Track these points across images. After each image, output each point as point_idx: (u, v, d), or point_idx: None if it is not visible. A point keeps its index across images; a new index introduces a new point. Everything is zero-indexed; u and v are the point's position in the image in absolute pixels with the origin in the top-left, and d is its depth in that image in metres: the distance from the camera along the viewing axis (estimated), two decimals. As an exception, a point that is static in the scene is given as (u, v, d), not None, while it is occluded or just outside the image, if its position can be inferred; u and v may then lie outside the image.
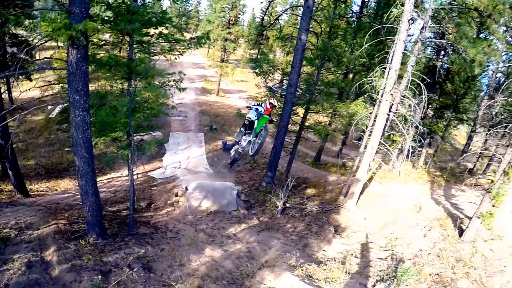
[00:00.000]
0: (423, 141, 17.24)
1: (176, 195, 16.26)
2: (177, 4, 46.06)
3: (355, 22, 20.93)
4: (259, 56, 20.37)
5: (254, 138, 11.13)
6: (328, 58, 16.80)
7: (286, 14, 27.27)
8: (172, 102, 14.56)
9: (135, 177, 15.94)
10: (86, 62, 8.44)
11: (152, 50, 13.36)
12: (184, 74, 12.75)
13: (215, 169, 21.06)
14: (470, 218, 12.20)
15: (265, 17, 23.85)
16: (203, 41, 12.81)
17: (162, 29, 12.89)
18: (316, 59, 17.19)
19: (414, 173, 17.75)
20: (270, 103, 11.40)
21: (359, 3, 21.42)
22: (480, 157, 19.82)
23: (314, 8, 17.60)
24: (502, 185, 11.12)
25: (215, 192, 15.67)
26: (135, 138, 11.34)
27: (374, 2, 21.39)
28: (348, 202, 15.02)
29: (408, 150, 14.17)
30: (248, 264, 10.57)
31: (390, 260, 11.16)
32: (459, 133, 25.72)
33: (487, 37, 16.71)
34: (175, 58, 14.20)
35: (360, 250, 12.12)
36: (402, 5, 13.17)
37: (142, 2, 12.83)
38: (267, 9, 22.89)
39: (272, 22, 22.19)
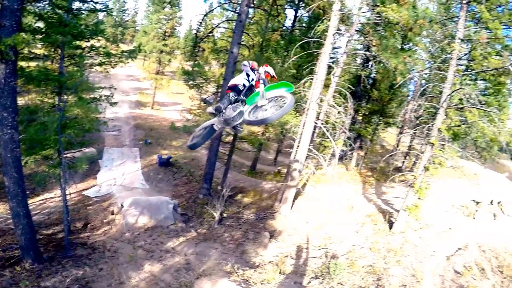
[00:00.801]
0: (353, 145, 18.22)
1: (112, 213, 15.66)
2: (112, 16, 44.79)
3: (287, 36, 21.69)
4: (194, 68, 20.33)
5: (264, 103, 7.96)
6: (260, 70, 17.19)
7: (220, 27, 27.80)
8: (104, 117, 14.13)
9: (68, 197, 15.15)
10: (15, 78, 8.10)
11: (84, 63, 12.92)
12: (115, 89, 12.51)
13: (151, 184, 20.54)
14: (399, 212, 13.20)
15: (201, 29, 23.98)
16: (135, 54, 12.65)
17: (95, 42, 12.61)
18: None
19: (347, 175, 18.68)
20: (267, 72, 7.70)
21: (292, 18, 22.19)
22: (407, 155, 21.26)
23: (247, 22, 18.05)
24: (424, 180, 12.16)
25: (151, 207, 15.32)
26: (66, 155, 10.89)
27: (306, 16, 22.32)
28: (282, 208, 15.44)
29: (340, 154, 14.92)
30: (186, 275, 10.60)
31: (325, 257, 11.66)
32: (389, 135, 27.47)
33: (411, 48, 18.09)
34: (107, 72, 13.85)
35: (295, 251, 12.49)
36: (329, 20, 14.00)
37: (76, 12, 12.40)
38: (202, 21, 23.04)
39: (206, 34, 22.35)
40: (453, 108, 12.22)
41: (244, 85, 5.33)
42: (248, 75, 5.32)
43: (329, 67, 14.41)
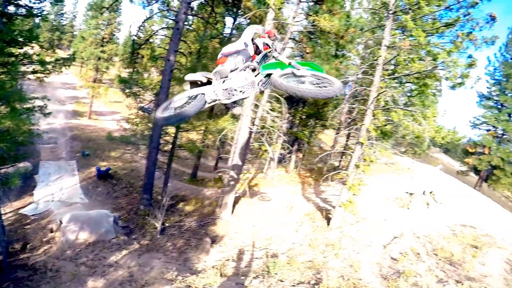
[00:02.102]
0: (291, 148, 18.73)
1: (51, 231, 14.91)
2: (48, 20, 42.41)
3: (226, 43, 21.83)
4: (133, 76, 19.89)
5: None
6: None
7: (160, 34, 27.30)
8: (38, 128, 13.47)
9: (4, 216, 14.31)
10: None
11: (17, 71, 12.24)
12: (49, 99, 11.93)
13: (91, 198, 19.77)
14: (335, 208, 13.89)
15: (141, 35, 23.48)
16: (69, 63, 12.21)
17: (29, 48, 12.00)
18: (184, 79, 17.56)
19: (286, 177, 19.20)
20: (266, 45, 5.35)
21: (231, 25, 22.40)
22: (343, 155, 22.12)
23: (186, 29, 18.02)
24: (356, 177, 12.85)
25: (91, 222, 14.81)
26: (-2, 171, 10.23)
27: (244, 24, 22.63)
28: (223, 213, 15.68)
29: (279, 157, 15.28)
30: (129, 288, 10.23)
31: (266, 257, 11.91)
32: (327, 137, 28.56)
33: (345, 54, 18.93)
34: (42, 80, 13.19)
35: (237, 254, 12.68)
36: None
37: (10, 17, 11.70)
38: (140, 27, 22.55)
39: (144, 41, 21.94)
40: (380, 109, 13.04)
41: (258, 51, 4.31)
42: (251, 44, 4.30)
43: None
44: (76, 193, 20.04)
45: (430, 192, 16.36)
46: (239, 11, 20.33)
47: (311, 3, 17.54)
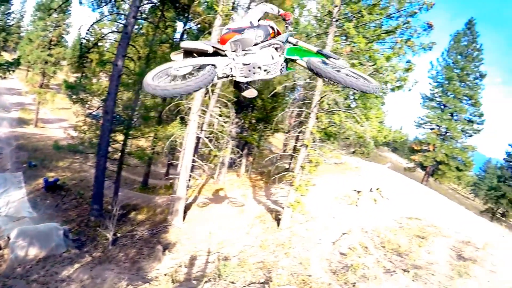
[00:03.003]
0: (241, 152, 18.91)
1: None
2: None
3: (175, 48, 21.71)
4: (81, 81, 19.31)
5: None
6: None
7: (110, 37, 26.60)
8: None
9: None
10: None
11: None
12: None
13: (39, 211, 18.88)
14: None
15: (91, 38, 22.73)
16: (13, 68, 11.70)
17: None
18: (133, 85, 17.30)
19: (238, 181, 19.33)
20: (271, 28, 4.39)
21: (181, 30, 22.28)
22: (293, 157, 22.62)
23: (136, 34, 17.75)
24: (302, 178, 13.21)
25: (41, 236, 14.16)
26: None
27: (195, 29, 22.58)
28: (175, 220, 15.66)
29: (229, 162, 15.38)
30: (82, 301, 9.89)
31: (217, 261, 11.97)
32: (279, 140, 29.04)
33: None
34: None
35: (189, 260, 12.71)
36: (210, 34, 14.55)
37: None
38: (89, 30, 21.82)
39: (93, 44, 21.30)
40: (323, 112, 13.51)
41: (274, 30, 3.68)
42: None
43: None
44: (23, 206, 19.10)
45: (377, 189, 17.13)
46: (190, 16, 20.27)
47: None
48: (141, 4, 17.01)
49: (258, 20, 3.75)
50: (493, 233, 15.52)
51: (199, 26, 19.28)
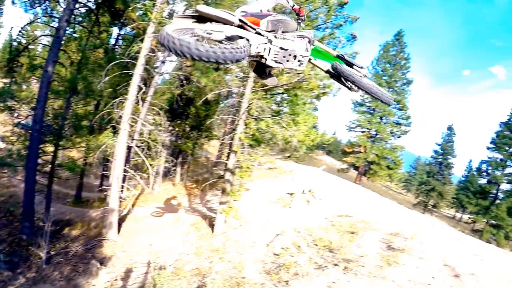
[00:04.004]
0: (175, 160, 18.86)
1: None
2: None
3: (108, 54, 21.10)
4: (11, 87, 18.18)
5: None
6: (77, 90, 16.56)
7: (41, 41, 25.18)
8: None
9: None
10: None
11: None
12: None
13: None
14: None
15: (23, 40, 21.39)
16: None
17: None
18: (64, 92, 16.65)
19: (173, 190, 19.24)
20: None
21: (116, 36, 21.70)
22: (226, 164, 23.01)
23: (67, 38, 17.09)
24: (233, 183, 13.58)
25: (-32, 261, 13.36)
26: None
27: (130, 35, 22.07)
28: (109, 233, 15.24)
29: (164, 171, 15.29)
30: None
31: (153, 271, 11.86)
32: (214, 147, 29.25)
33: (229, 67, 19.58)
34: None
35: (125, 272, 12.53)
36: (143, 41, 14.42)
37: None
38: (21, 31, 20.53)
39: (23, 48, 20.10)
40: (252, 119, 13.91)
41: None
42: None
43: (144, 86, 14.78)
44: None
45: (309, 190, 17.82)
46: (125, 21, 19.88)
47: None
48: (75, 7, 16.43)
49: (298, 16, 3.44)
50: (424, 224, 16.66)
51: (134, 32, 18.99)
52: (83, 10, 18.95)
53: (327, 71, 3.33)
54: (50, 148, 17.59)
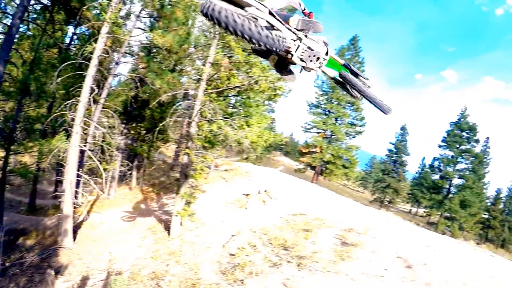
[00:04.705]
0: (131, 164, 18.68)
1: None
2: None
3: (62, 54, 20.47)
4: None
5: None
6: (30, 91, 16.03)
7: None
8: None
9: None
10: None
11: None
12: None
13: None
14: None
15: None
16: None
17: None
18: (16, 93, 16.06)
19: (130, 195, 19.06)
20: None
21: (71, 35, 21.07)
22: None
23: (20, 36, 16.48)
24: (187, 186, 13.73)
25: None
26: None
27: (86, 35, 21.49)
28: (65, 241, 14.92)
29: (120, 175, 15.14)
30: None
31: (110, 277, 11.80)
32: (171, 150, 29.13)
33: (184, 69, 19.56)
34: None
35: (81, 280, 12.35)
36: (96, 42, 14.19)
37: None
38: None
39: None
40: (205, 121, 14.11)
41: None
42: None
43: (97, 88, 14.58)
44: None
45: (265, 191, 18.20)
46: (81, 20, 19.40)
47: (151, 19, 17.92)
48: (30, 4, 15.87)
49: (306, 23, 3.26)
50: (378, 219, 17.32)
51: (90, 31, 18.60)
52: (38, 7, 18.38)
53: (333, 78, 3.45)
54: (0, 153, 16.99)
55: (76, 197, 14.70)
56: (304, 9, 3.37)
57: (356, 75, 3.38)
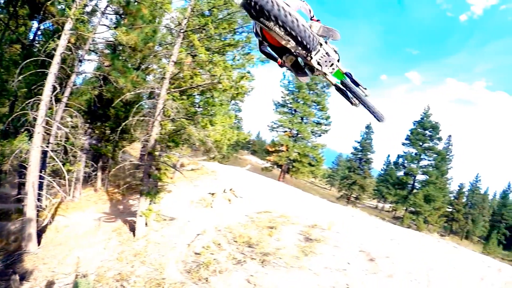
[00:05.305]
0: (95, 165, 18.42)
1: None
2: None
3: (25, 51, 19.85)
4: None
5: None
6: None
7: None
8: None
9: None
10: None
11: None
12: None
13: None
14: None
15: None
16: None
17: None
18: None
19: (95, 196, 18.79)
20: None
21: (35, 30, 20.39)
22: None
23: None
24: (151, 185, 13.75)
25: None
26: None
27: (50, 31, 20.88)
28: (29, 245, 14.57)
29: (84, 176, 14.93)
30: None
31: (76, 281, 11.69)
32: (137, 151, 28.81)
33: (150, 67, 19.38)
34: None
35: (46, 285, 12.17)
36: (59, 38, 13.89)
37: None
38: None
39: None
40: (168, 120, 14.13)
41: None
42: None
43: (60, 86, 14.31)
44: None
45: (230, 189, 18.39)
46: (46, 15, 18.86)
47: (117, 16, 17.67)
48: None
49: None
50: (343, 215, 17.71)
51: (54, 27, 18.12)
52: (1, 0, 17.77)
53: (335, 85, 3.50)
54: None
55: (39, 200, 14.37)
56: (313, 16, 3.43)
57: (357, 84, 3.49)
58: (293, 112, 44.46)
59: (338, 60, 3.19)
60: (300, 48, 2.83)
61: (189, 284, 10.76)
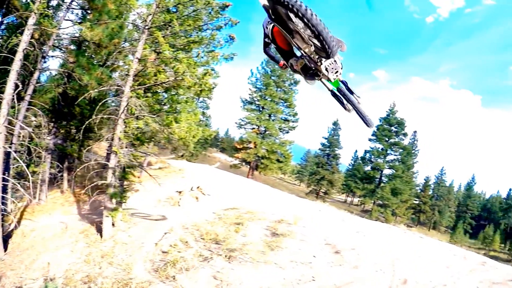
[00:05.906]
0: (61, 166, 18.10)
1: None
2: None
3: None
4: None
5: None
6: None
7: None
8: None
9: None
10: None
11: None
12: None
13: None
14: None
15: None
16: None
17: None
18: None
19: (62, 198, 18.50)
20: None
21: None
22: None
23: None
24: (117, 185, 13.69)
25: None
26: None
27: (14, 25, 20.21)
28: None
29: (50, 177, 14.66)
30: None
31: (44, 285, 11.58)
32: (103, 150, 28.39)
33: (115, 64, 19.08)
34: None
35: (14, 292, 11.98)
36: (22, 34, 13.54)
37: None
38: None
39: None
40: (132, 118, 14.09)
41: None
42: None
43: (23, 84, 14.01)
44: None
45: (198, 187, 18.56)
46: (10, 8, 18.26)
47: (83, 11, 17.37)
48: None
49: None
50: (310, 209, 18.18)
51: (18, 22, 17.62)
52: None
53: (331, 91, 3.69)
54: None
55: (4, 204, 13.98)
56: None
57: (351, 92, 3.65)
58: (261, 109, 45.03)
59: (341, 68, 3.41)
60: (322, 52, 3.03)
61: (157, 282, 10.86)
